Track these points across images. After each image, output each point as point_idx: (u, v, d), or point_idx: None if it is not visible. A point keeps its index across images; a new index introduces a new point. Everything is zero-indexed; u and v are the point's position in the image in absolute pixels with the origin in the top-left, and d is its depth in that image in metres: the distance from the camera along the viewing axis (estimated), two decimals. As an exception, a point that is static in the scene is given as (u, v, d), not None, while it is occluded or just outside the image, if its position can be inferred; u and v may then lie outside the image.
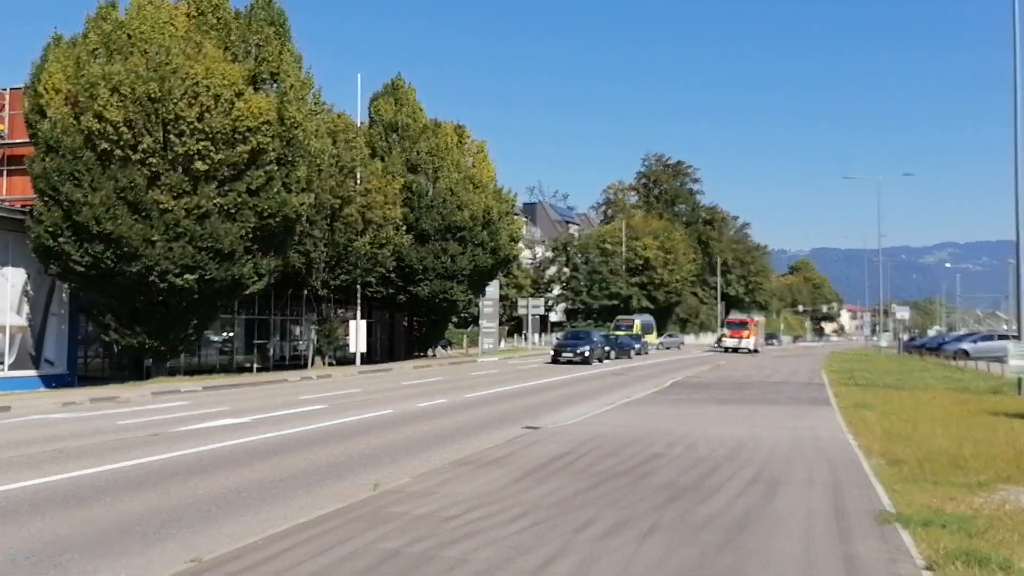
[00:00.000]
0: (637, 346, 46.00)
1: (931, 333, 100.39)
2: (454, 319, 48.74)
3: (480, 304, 46.72)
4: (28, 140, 23.62)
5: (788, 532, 6.66)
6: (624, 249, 74.13)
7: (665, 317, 78.26)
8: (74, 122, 21.43)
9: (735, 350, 58.67)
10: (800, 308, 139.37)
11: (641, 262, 74.50)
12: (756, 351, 60.95)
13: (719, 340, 63.93)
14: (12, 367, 23.35)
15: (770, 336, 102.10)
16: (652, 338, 61.80)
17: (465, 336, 53.51)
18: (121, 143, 21.39)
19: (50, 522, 7.38)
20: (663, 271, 75.13)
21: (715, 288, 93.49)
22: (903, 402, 17.82)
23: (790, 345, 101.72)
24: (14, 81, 27.72)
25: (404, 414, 16.34)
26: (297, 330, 36.68)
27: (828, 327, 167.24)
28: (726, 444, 11.61)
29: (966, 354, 44.75)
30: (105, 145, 21.35)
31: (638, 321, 57.00)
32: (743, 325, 61.57)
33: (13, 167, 27.26)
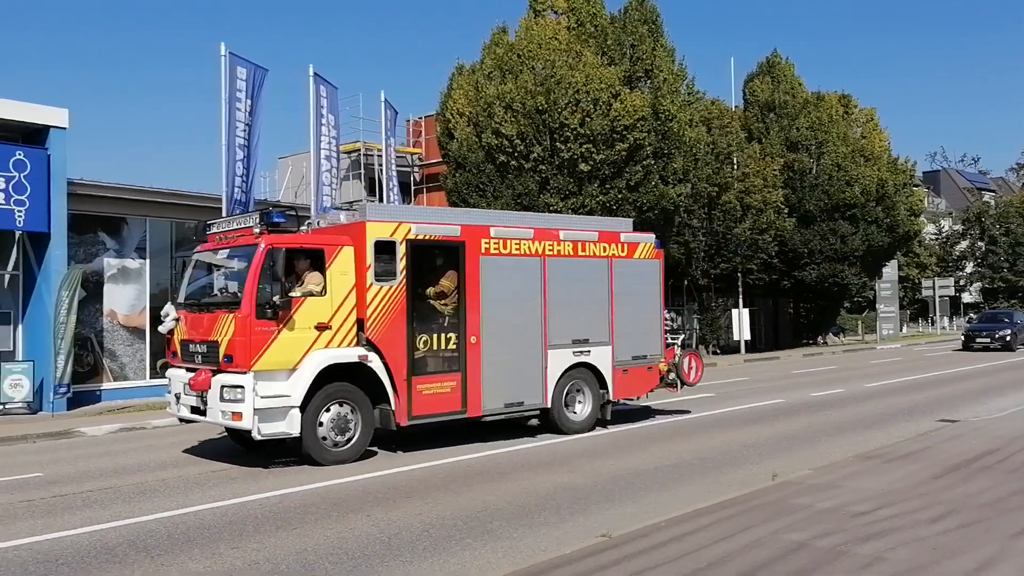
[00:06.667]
0: None
1: None
2: (846, 304, 45.59)
3: (876, 287, 43.16)
4: (440, 160, 27.15)
5: None
6: (1056, 215, 62.88)
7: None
8: (476, 140, 24.09)
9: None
10: None
11: (1082, 229, 62.53)
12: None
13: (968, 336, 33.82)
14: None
15: None
16: None
17: (859, 322, 49.72)
18: (516, 154, 23.54)
19: (478, 492, 8.39)
20: (1115, 239, 62.24)
21: None
22: None
23: None
24: (426, 111, 32.02)
25: (796, 403, 15.69)
26: (679, 320, 37.15)
27: None
28: None
29: None
30: (503, 158, 23.67)
31: None
32: None
33: (431, 184, 31.44)
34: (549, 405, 11.72)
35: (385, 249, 10.28)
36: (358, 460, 10.04)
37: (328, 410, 9.84)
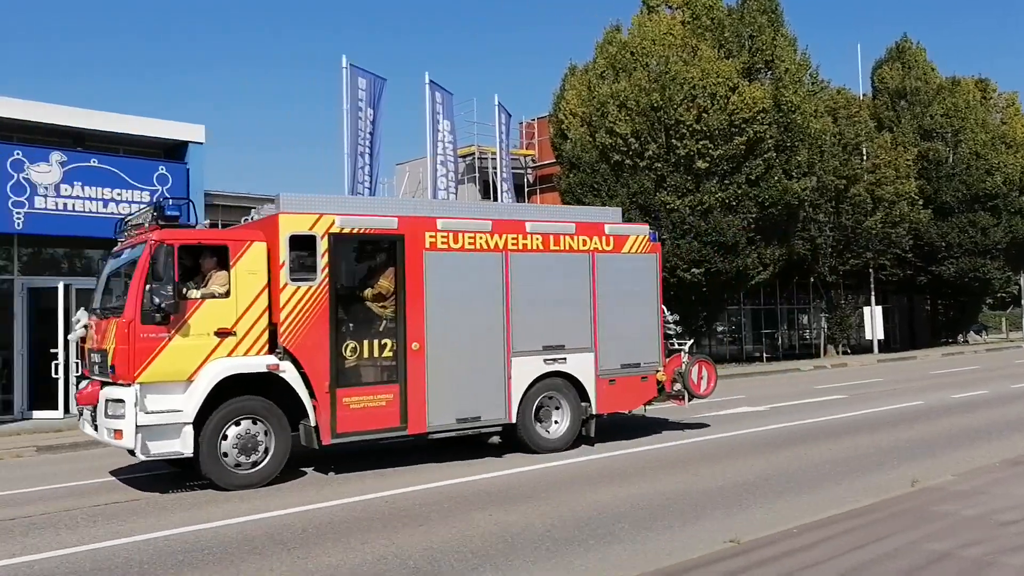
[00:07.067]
0: None
1: None
2: (988, 300, 42.86)
3: (1021, 282, 40.40)
4: (554, 161, 27.20)
5: None
6: None
7: None
8: (590, 140, 23.99)
9: None
10: None
11: None
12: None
13: None
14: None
15: None
16: None
17: (1003, 319, 46.64)
18: (630, 153, 23.30)
19: (602, 496, 8.33)
20: None
21: None
22: None
23: None
24: (539, 112, 32.17)
25: (936, 405, 14.84)
26: (804, 318, 35.79)
27: None
28: None
29: None
30: (617, 157, 23.47)
31: None
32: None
33: (544, 185, 31.56)
34: (514, 420, 10.19)
35: (302, 244, 9.00)
36: (472, 458, 10.18)
37: (227, 432, 8.67)
